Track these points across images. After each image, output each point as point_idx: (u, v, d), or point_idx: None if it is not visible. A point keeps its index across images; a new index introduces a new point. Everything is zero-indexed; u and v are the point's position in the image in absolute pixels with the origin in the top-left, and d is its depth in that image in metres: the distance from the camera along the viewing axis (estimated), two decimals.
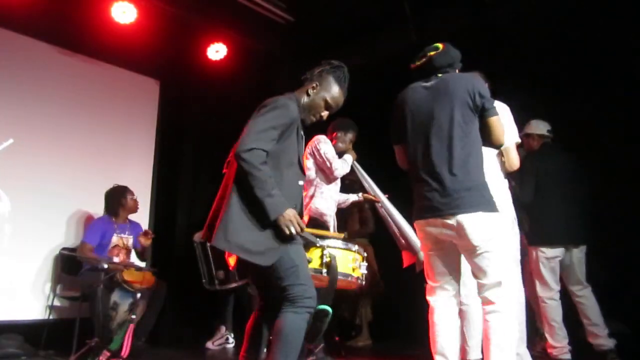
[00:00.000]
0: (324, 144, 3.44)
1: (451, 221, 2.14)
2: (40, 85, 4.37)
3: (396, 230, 3.42)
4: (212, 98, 5.05)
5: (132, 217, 4.25)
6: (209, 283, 3.98)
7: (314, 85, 2.37)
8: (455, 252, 2.28)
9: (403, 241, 3.36)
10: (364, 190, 3.66)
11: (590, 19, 3.81)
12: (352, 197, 3.68)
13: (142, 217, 4.50)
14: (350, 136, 3.57)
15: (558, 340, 3.37)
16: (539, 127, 3.71)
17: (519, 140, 2.85)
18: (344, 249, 2.80)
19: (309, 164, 3.44)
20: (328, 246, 2.71)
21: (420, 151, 2.26)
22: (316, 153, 3.43)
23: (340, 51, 4.86)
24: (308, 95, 2.36)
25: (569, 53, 4.18)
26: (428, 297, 2.33)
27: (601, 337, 3.38)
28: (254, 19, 4.47)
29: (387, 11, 4.32)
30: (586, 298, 3.44)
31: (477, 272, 2.20)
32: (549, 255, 3.47)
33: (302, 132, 2.34)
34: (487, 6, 3.98)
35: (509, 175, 2.87)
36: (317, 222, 3.35)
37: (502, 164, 2.77)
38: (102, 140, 4.67)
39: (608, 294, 3.59)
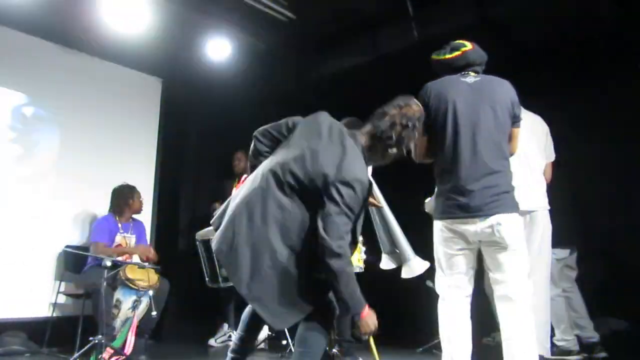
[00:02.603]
0: None
1: (491, 220, 2.17)
2: (42, 84, 4.38)
3: (386, 236, 3.42)
4: (214, 96, 5.05)
5: (135, 214, 4.26)
6: (212, 281, 3.98)
7: (390, 143, 2.09)
8: (476, 252, 2.31)
9: (389, 246, 3.37)
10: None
11: (594, 15, 3.79)
12: None
13: (144, 215, 4.50)
14: None
15: (567, 333, 3.55)
16: None
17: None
18: None
19: None
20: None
21: (463, 148, 2.22)
22: None
23: (342, 48, 4.87)
24: (379, 154, 2.13)
25: (571, 50, 4.16)
26: (443, 294, 2.31)
27: (589, 330, 3.59)
28: (256, 17, 4.45)
29: (389, 8, 4.30)
30: (575, 293, 3.68)
31: (499, 270, 2.24)
32: (559, 257, 3.65)
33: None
34: (490, 2, 3.96)
35: None
36: None
37: None
38: (104, 138, 4.68)
39: (608, 292, 3.71)
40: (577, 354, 3.54)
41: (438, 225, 2.31)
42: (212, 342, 4.40)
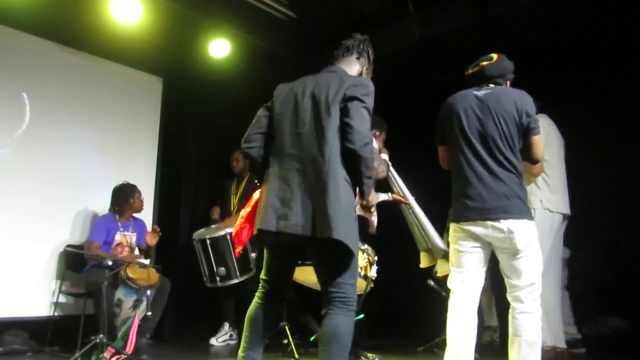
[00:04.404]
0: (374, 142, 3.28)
1: (501, 225, 2.31)
2: (43, 83, 4.37)
3: (420, 233, 3.45)
4: (214, 95, 5.05)
5: (136, 213, 4.26)
6: (210, 280, 3.98)
7: (367, 66, 2.47)
8: (489, 250, 2.43)
9: (424, 244, 3.42)
10: (391, 190, 3.58)
11: (596, 13, 3.79)
12: (383, 196, 3.58)
13: (146, 214, 4.51)
14: (384, 136, 3.55)
15: (572, 326, 3.73)
16: None
17: None
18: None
19: None
20: (365, 250, 2.84)
21: (471, 157, 2.39)
22: None
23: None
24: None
25: (572, 49, 4.16)
26: (453, 288, 2.44)
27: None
28: (256, 16, 4.46)
29: (390, 7, 4.30)
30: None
31: (512, 274, 2.37)
32: (565, 256, 3.83)
33: None
34: (491, 2, 3.96)
35: None
36: (363, 221, 3.26)
37: None
38: (105, 137, 4.68)
39: (608, 291, 3.76)
40: (582, 346, 3.67)
41: (452, 227, 2.48)
42: (213, 341, 4.40)
